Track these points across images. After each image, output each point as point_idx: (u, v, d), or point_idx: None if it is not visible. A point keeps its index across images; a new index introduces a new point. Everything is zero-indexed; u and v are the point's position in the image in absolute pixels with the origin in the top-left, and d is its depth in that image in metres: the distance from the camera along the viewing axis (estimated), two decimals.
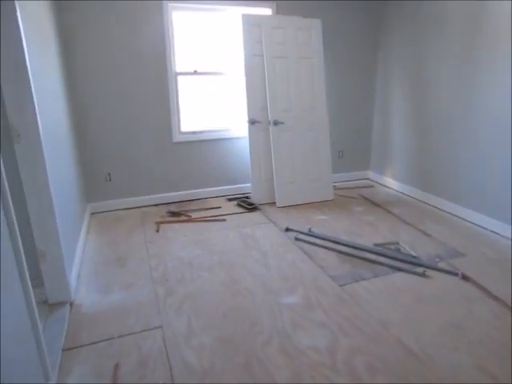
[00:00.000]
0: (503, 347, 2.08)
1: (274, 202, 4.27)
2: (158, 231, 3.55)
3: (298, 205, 4.28)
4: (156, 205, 4.29)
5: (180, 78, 4.16)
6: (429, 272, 2.83)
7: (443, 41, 3.81)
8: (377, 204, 4.28)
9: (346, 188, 4.87)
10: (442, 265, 2.94)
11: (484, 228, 3.57)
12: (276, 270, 2.89)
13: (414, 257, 3.04)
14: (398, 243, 3.29)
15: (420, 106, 4.21)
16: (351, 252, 3.14)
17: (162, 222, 3.74)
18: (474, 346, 2.10)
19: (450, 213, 3.96)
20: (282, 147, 4.17)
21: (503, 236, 3.39)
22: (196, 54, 4.16)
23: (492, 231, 3.50)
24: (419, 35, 4.11)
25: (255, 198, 4.30)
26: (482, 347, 2.08)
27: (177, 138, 4.24)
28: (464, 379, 1.88)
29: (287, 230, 3.57)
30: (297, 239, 3.37)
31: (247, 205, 4.17)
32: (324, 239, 3.36)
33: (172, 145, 4.24)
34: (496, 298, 2.51)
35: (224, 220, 3.81)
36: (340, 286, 2.67)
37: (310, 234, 3.47)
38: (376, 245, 3.26)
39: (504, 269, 2.88)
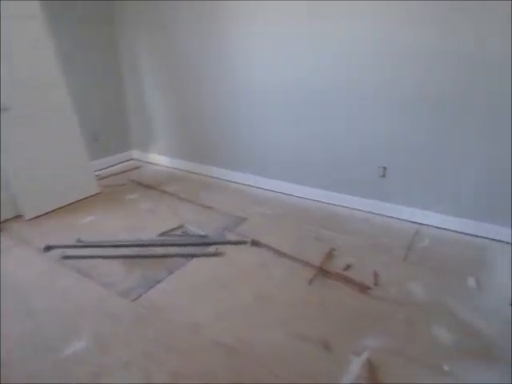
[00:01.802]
0: (306, 304, 2.16)
1: (21, 215, 3.25)
2: None
3: (55, 210, 3.41)
4: None
5: None
6: (221, 248, 2.71)
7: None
8: (150, 186, 3.89)
9: (112, 175, 4.25)
10: (230, 236, 2.87)
11: (256, 187, 3.75)
12: (44, 312, 2.14)
13: (203, 236, 2.86)
14: (183, 225, 3.04)
15: (175, 77, 3.93)
16: (137, 252, 2.68)
17: None
18: (283, 312, 2.09)
19: (222, 179, 3.99)
20: (16, 142, 3.12)
21: (266, 189, 3.65)
22: None
23: (260, 188, 3.71)
24: None
25: None
26: (289, 311, 2.10)
27: None
28: (285, 353, 1.82)
29: (48, 248, 2.75)
30: (65, 258, 2.63)
31: None
32: (100, 246, 2.76)
33: None
34: (285, 255, 2.62)
35: None
36: (134, 300, 2.21)
37: (80, 245, 2.78)
38: (161, 234, 2.91)
39: (278, 222, 3.07)
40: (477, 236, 2.80)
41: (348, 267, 2.49)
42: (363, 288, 2.29)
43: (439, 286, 2.30)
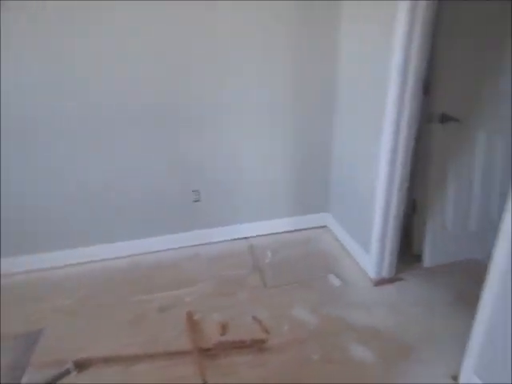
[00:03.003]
0: None
1: None
2: None
3: None
4: None
5: None
6: None
7: None
8: None
9: None
10: (31, 375, 1.74)
11: (27, 273, 2.48)
12: None
13: None
14: None
15: None
16: None
17: None
18: None
19: None
20: None
21: (45, 269, 2.51)
22: None
23: (35, 271, 2.49)
24: None
25: None
26: None
27: None
28: None
29: None
30: None
31: None
32: None
33: None
34: (137, 359, 1.79)
35: None
36: None
37: None
38: None
39: (91, 310, 2.12)
40: (301, 229, 2.82)
41: (224, 328, 1.96)
42: (260, 345, 1.84)
43: (317, 301, 2.13)
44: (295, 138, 2.57)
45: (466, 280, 2.22)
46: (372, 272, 2.25)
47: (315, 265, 2.44)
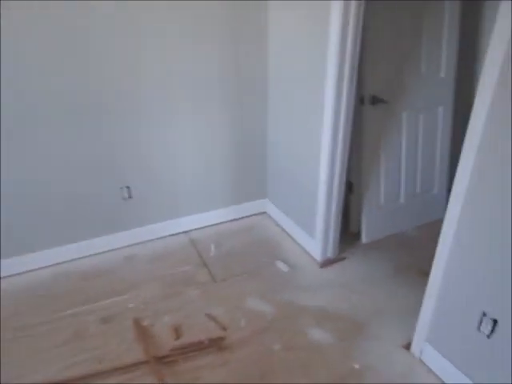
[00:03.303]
0: None
1: None
2: None
3: None
4: None
5: None
6: None
7: None
8: None
9: None
10: None
11: None
12: None
13: None
14: None
15: None
16: None
17: None
18: None
19: None
20: None
21: None
22: None
23: None
24: None
25: None
26: None
27: None
28: None
29: None
30: None
31: None
32: None
33: None
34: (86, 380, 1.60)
35: None
36: None
37: None
38: None
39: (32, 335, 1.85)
40: (241, 218, 2.76)
41: (178, 331, 1.84)
42: (218, 343, 1.77)
43: (269, 289, 2.11)
44: (229, 127, 2.48)
45: (400, 252, 2.39)
46: (317, 254, 2.30)
47: (260, 252, 2.42)
